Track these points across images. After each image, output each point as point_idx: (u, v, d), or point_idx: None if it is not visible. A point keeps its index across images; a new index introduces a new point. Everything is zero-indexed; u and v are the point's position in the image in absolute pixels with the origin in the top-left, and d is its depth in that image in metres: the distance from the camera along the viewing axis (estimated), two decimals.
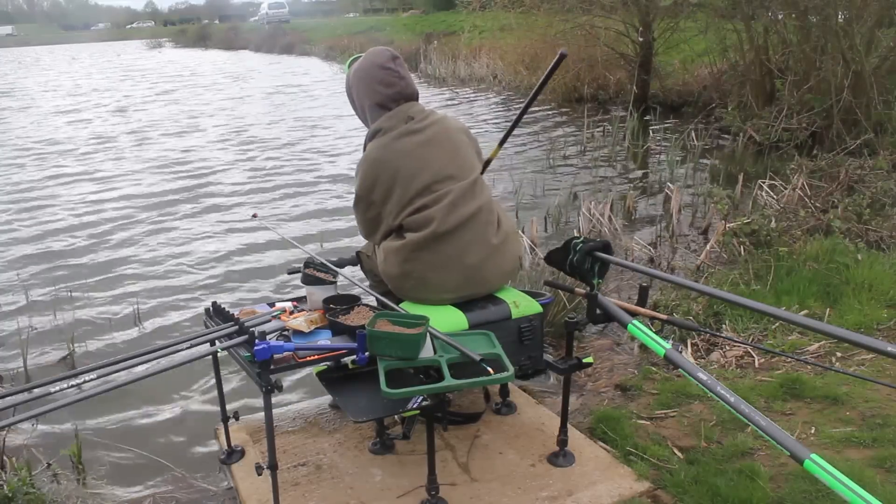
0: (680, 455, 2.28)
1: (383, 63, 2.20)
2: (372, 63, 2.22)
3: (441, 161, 2.16)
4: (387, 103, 2.22)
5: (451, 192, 2.14)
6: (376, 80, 2.21)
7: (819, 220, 4.23)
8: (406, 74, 2.24)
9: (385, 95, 2.21)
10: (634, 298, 2.15)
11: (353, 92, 2.31)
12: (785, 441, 1.46)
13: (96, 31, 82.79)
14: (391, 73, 2.20)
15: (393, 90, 2.21)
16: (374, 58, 2.23)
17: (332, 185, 7.15)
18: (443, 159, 2.16)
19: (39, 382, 1.69)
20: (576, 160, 7.79)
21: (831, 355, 2.88)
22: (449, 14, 25.61)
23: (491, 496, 2.08)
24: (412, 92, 2.25)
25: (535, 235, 4.51)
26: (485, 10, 13.68)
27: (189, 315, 4.04)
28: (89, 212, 6.39)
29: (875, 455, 2.16)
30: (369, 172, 2.21)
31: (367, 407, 1.93)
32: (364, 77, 2.24)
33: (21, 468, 2.42)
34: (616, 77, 11.39)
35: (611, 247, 2.19)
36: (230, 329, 1.97)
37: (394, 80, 2.20)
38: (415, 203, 2.15)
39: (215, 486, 2.43)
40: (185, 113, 12.78)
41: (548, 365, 2.26)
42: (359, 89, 2.27)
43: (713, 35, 9.26)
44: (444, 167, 2.16)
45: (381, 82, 2.20)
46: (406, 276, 2.18)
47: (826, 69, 6.87)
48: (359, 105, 2.31)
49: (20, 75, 26.21)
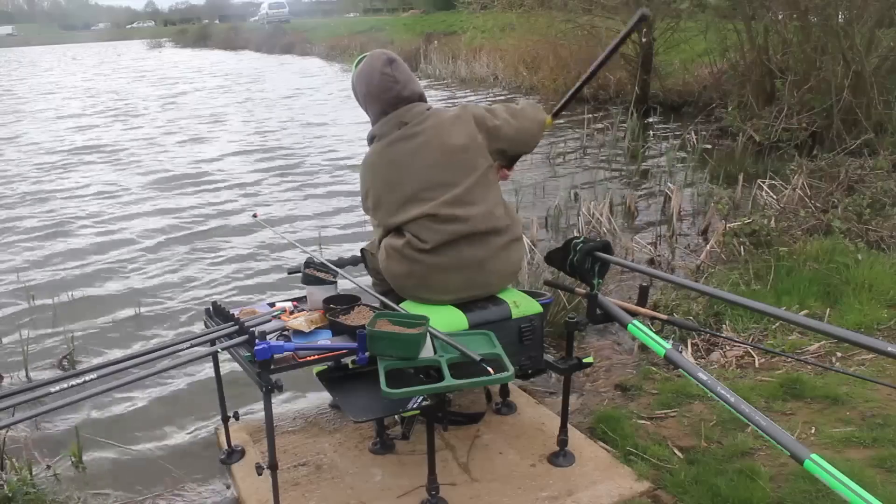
0: (680, 455, 2.28)
1: (379, 68, 2.21)
2: (370, 68, 2.23)
3: (432, 169, 2.14)
4: (384, 107, 2.23)
5: (443, 202, 2.12)
6: (373, 85, 2.22)
7: (819, 220, 4.23)
8: (403, 77, 2.23)
9: (382, 100, 2.22)
10: (634, 298, 2.15)
11: (358, 95, 2.34)
12: (785, 441, 1.46)
13: (96, 31, 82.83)
14: (387, 78, 2.20)
15: (389, 95, 2.21)
16: (372, 62, 2.24)
17: (332, 185, 7.15)
18: (434, 167, 2.14)
19: (39, 382, 1.69)
20: (576, 160, 7.79)
21: (831, 355, 2.88)
22: (449, 14, 25.61)
23: (491, 496, 2.08)
24: (411, 94, 2.24)
25: (535, 235, 4.51)
26: (485, 10, 13.66)
27: (189, 315, 4.04)
28: (89, 211, 6.40)
29: (875, 455, 2.16)
30: (363, 179, 2.29)
31: (367, 407, 1.93)
32: (363, 82, 2.25)
33: (21, 468, 2.42)
34: (616, 77, 11.38)
35: (611, 247, 2.19)
36: (230, 329, 1.97)
37: (390, 84, 2.20)
38: (408, 212, 2.15)
39: (215, 487, 2.43)
40: (195, 118, 12.76)
41: (548, 365, 2.26)
42: (361, 94, 2.29)
43: (713, 35, 9.25)
44: (435, 175, 2.14)
45: (378, 87, 2.21)
46: (407, 275, 2.19)
47: (826, 69, 6.86)
48: (363, 107, 2.35)
49: (18, 76, 26.21)
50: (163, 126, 11.50)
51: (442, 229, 2.12)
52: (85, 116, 13.06)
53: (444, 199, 2.12)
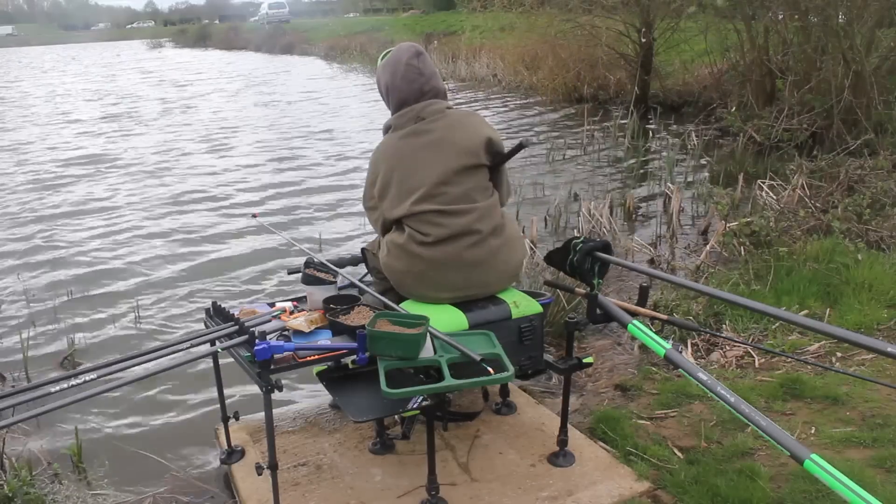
0: (680, 455, 2.28)
1: (407, 59, 2.24)
2: (397, 59, 2.26)
3: (441, 166, 2.16)
4: (406, 99, 2.25)
5: (447, 198, 2.13)
6: (398, 76, 2.24)
7: (819, 220, 4.23)
8: (428, 71, 2.26)
9: (405, 91, 2.24)
10: (634, 298, 2.15)
11: (381, 84, 2.35)
12: (785, 441, 1.46)
13: (96, 31, 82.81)
14: (412, 70, 2.22)
15: (413, 87, 2.23)
16: (400, 53, 2.27)
17: (332, 185, 7.15)
18: (443, 164, 2.16)
19: (39, 382, 1.69)
20: (576, 160, 7.79)
21: (831, 355, 2.88)
22: (449, 14, 25.64)
23: (491, 496, 2.08)
24: (432, 88, 2.26)
25: (535, 235, 4.51)
26: (485, 10, 13.67)
27: (189, 315, 4.04)
28: (90, 212, 6.40)
29: (875, 455, 2.16)
30: (373, 166, 2.29)
31: (367, 407, 1.93)
32: (388, 71, 2.27)
33: (21, 468, 2.42)
34: (616, 77, 11.39)
35: (611, 247, 2.20)
36: (230, 329, 1.97)
37: (414, 76, 2.23)
38: (412, 205, 2.15)
39: (215, 487, 2.43)
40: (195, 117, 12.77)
41: (548, 365, 2.26)
42: (384, 82, 2.31)
43: (713, 35, 9.25)
44: (443, 172, 2.15)
45: (403, 78, 2.23)
46: (407, 271, 2.19)
47: (826, 69, 6.86)
48: (384, 97, 2.35)
49: (18, 76, 26.20)
50: (162, 127, 11.50)
51: (445, 223, 2.13)
52: (90, 121, 13.02)
53: (449, 194, 2.14)
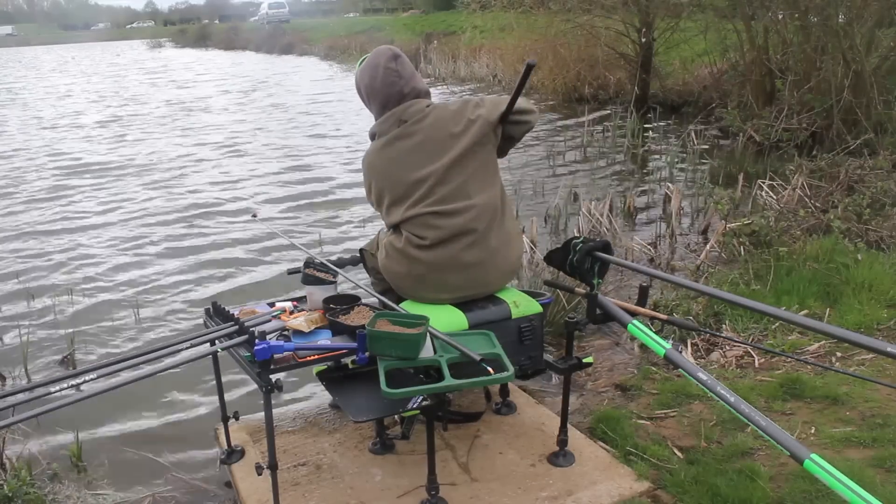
0: (680, 455, 2.28)
1: (384, 63, 2.21)
2: (375, 63, 2.23)
3: (430, 166, 2.14)
4: (387, 103, 2.23)
5: (441, 197, 2.12)
6: (378, 80, 2.21)
7: (819, 220, 4.23)
8: (407, 73, 2.23)
9: (386, 95, 2.22)
10: (634, 298, 2.15)
11: (361, 90, 2.33)
12: (785, 441, 1.46)
13: (96, 31, 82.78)
14: (391, 73, 2.20)
15: (392, 90, 2.21)
16: (377, 58, 2.24)
17: (332, 185, 7.15)
18: (432, 163, 2.14)
19: (39, 382, 1.69)
20: (576, 160, 7.79)
21: (831, 355, 2.88)
22: (449, 14, 25.59)
23: (491, 496, 2.08)
24: (413, 90, 2.23)
25: (535, 235, 4.51)
26: (485, 10, 13.66)
27: (189, 315, 4.04)
28: (90, 212, 6.40)
29: (875, 455, 2.16)
30: (365, 176, 2.30)
31: (367, 407, 1.93)
32: (367, 76, 2.25)
33: (21, 468, 2.42)
34: (616, 77, 11.39)
35: (611, 247, 2.19)
36: (230, 329, 1.97)
37: (393, 79, 2.20)
38: (406, 210, 2.15)
39: (215, 486, 2.43)
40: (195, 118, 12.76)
41: (548, 365, 2.26)
42: (364, 88, 2.29)
43: (713, 35, 9.25)
44: (433, 172, 2.13)
45: (382, 82, 2.21)
46: (406, 274, 2.19)
47: (826, 69, 6.86)
48: (366, 103, 2.34)
49: (17, 77, 26.18)
50: (162, 128, 11.49)
51: (441, 224, 2.12)
52: (91, 125, 13.00)
53: (442, 193, 2.12)
